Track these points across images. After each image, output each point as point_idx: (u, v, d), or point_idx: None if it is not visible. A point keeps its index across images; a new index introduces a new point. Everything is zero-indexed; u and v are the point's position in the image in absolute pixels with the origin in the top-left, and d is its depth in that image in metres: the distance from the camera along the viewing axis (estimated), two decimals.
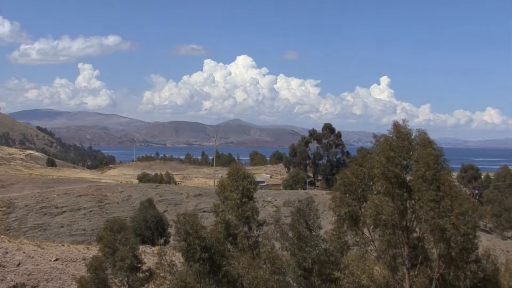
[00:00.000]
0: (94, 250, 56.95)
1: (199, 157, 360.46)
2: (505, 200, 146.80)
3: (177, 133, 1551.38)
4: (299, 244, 32.63)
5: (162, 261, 38.72)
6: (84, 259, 55.66)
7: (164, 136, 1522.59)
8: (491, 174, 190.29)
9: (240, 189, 44.12)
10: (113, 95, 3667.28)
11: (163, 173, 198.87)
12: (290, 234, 33.61)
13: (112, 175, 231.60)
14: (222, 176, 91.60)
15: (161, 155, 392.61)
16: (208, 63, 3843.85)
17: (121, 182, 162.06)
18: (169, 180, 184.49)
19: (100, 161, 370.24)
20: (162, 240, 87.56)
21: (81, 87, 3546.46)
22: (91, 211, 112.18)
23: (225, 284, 35.47)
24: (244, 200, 43.99)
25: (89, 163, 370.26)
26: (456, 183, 49.46)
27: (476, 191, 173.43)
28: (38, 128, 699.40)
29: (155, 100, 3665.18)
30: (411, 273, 37.21)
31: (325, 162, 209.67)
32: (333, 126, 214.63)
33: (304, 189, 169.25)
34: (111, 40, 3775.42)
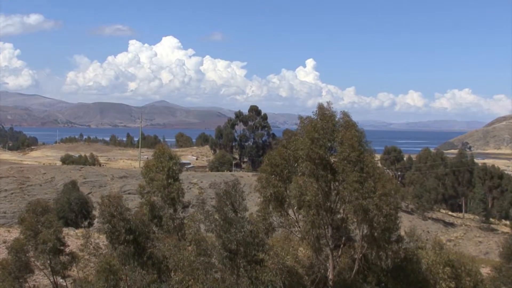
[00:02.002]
0: (15, 233, 55.78)
1: (124, 139, 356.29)
2: (426, 182, 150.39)
3: (101, 115, 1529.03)
4: (224, 226, 32.61)
5: (88, 243, 38.20)
6: (4, 242, 54.43)
7: (88, 117, 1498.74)
8: (413, 156, 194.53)
9: (166, 170, 43.84)
10: (36, 75, 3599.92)
11: (87, 154, 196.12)
12: (216, 216, 33.58)
13: (35, 157, 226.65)
14: (147, 158, 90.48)
15: (85, 137, 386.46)
16: (133, 44, 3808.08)
17: (43, 164, 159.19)
18: (94, 162, 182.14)
19: (21, 143, 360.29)
20: (86, 223, 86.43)
21: (1, 66, 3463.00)
22: (12, 194, 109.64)
23: (150, 266, 35.23)
24: (169, 181, 43.75)
25: (10, 145, 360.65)
26: (380, 165, 50.40)
27: (399, 173, 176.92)
28: None
29: (79, 81, 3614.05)
30: (334, 253, 37.75)
31: (251, 144, 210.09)
32: (260, 108, 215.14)
33: (230, 171, 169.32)
34: (33, 18, 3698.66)
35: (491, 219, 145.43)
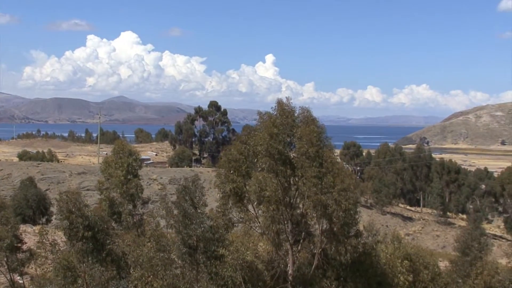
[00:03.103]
0: None
1: (83, 135, 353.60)
2: (385, 176, 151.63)
3: (59, 110, 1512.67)
4: (184, 221, 32.54)
5: (44, 240, 37.78)
6: None
7: (46, 113, 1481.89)
8: (372, 151, 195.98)
9: (125, 166, 43.65)
10: None
11: (45, 151, 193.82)
12: (176, 212, 33.49)
13: None
14: (106, 154, 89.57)
15: (43, 133, 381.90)
16: (92, 39, 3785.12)
17: (0, 160, 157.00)
18: (52, 158, 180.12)
19: None
20: (44, 219, 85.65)
21: None
22: None
23: (109, 262, 34.97)
24: (128, 177, 43.58)
25: None
26: (339, 160, 50.66)
27: (358, 168, 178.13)
28: None
29: (36, 76, 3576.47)
30: (294, 248, 37.87)
31: (211, 139, 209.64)
32: (219, 103, 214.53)
33: (190, 166, 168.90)
34: None
35: (449, 213, 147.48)
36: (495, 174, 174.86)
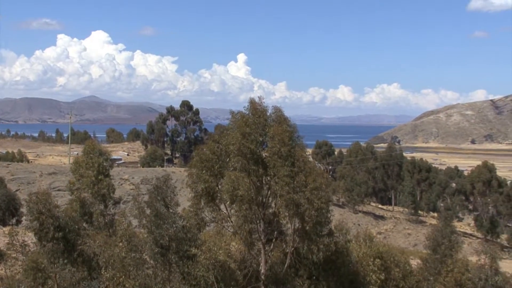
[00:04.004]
0: None
1: (54, 135, 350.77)
2: (356, 175, 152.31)
3: (29, 110, 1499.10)
4: (156, 221, 32.39)
5: (14, 241, 37.40)
6: None
7: (15, 113, 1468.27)
8: (344, 150, 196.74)
9: (96, 166, 43.34)
10: None
11: (15, 151, 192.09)
12: (148, 212, 33.34)
13: None
14: (77, 154, 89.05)
15: (12, 133, 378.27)
16: (62, 38, 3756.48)
17: None
18: (22, 158, 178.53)
19: None
20: (14, 220, 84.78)
21: None
22: None
23: (80, 263, 34.71)
24: (100, 177, 43.26)
25: None
26: (311, 159, 50.75)
27: (330, 167, 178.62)
28: None
29: (5, 76, 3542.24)
30: (266, 247, 37.86)
31: (183, 139, 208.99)
32: (191, 103, 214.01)
33: (162, 166, 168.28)
34: None
35: (420, 212, 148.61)
36: (465, 173, 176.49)
